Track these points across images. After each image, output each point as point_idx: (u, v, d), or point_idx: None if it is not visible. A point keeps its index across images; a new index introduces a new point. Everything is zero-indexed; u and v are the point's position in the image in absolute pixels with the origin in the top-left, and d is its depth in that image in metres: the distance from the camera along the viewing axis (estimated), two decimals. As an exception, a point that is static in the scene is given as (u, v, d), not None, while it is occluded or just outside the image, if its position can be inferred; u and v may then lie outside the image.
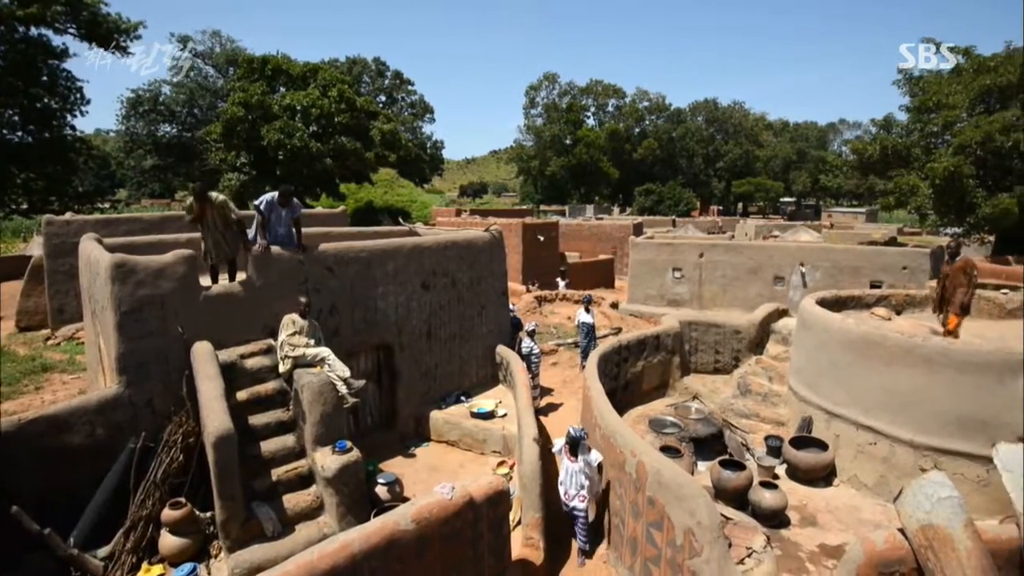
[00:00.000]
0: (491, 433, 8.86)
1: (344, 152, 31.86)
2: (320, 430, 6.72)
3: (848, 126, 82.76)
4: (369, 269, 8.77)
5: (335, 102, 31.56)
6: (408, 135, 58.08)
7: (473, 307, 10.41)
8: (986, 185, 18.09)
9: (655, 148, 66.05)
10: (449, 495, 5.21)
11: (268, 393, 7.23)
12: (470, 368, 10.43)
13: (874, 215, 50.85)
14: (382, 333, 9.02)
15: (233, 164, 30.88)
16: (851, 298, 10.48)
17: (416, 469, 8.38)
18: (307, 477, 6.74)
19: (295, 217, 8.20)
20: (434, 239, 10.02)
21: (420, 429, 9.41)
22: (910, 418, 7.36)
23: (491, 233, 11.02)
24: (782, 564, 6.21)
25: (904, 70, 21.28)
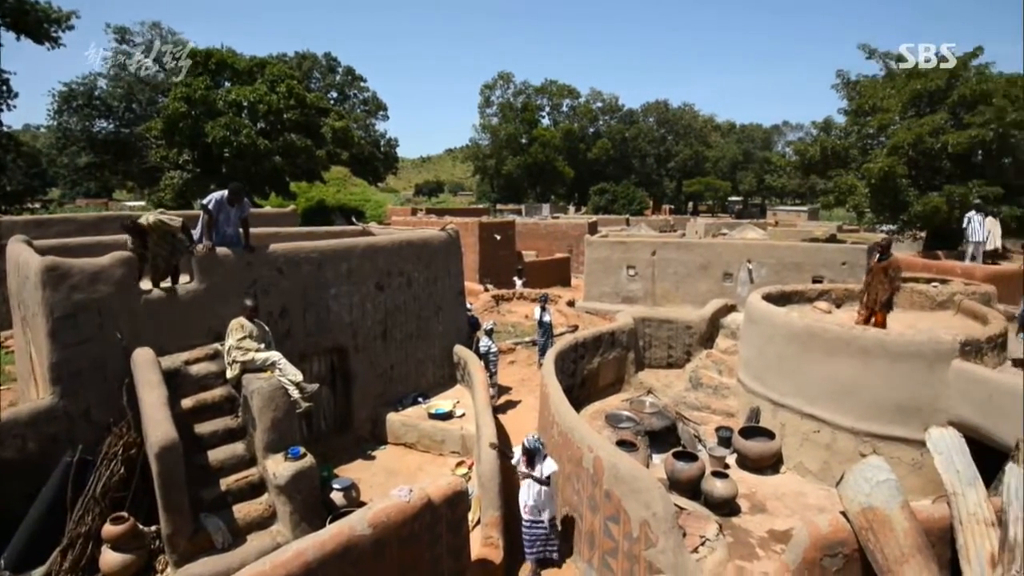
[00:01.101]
0: (449, 434, 8.81)
1: (294, 150, 30.97)
2: (271, 437, 6.52)
3: (791, 128, 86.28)
4: (321, 270, 8.56)
5: (284, 98, 30.62)
6: (361, 133, 57.00)
7: (429, 307, 10.32)
8: (917, 184, 19.18)
9: (609, 148, 67.11)
10: (406, 498, 5.14)
11: (215, 400, 6.97)
12: (427, 369, 10.34)
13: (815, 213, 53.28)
14: (336, 335, 8.83)
15: (175, 162, 29.53)
16: (795, 293, 10.93)
17: (373, 473, 8.25)
18: (258, 485, 6.53)
19: (244, 216, 7.93)
20: (389, 239, 9.88)
21: (377, 432, 9.26)
22: (850, 406, 7.75)
23: (447, 232, 10.94)
24: (733, 550, 6.42)
25: (842, 74, 22.36)
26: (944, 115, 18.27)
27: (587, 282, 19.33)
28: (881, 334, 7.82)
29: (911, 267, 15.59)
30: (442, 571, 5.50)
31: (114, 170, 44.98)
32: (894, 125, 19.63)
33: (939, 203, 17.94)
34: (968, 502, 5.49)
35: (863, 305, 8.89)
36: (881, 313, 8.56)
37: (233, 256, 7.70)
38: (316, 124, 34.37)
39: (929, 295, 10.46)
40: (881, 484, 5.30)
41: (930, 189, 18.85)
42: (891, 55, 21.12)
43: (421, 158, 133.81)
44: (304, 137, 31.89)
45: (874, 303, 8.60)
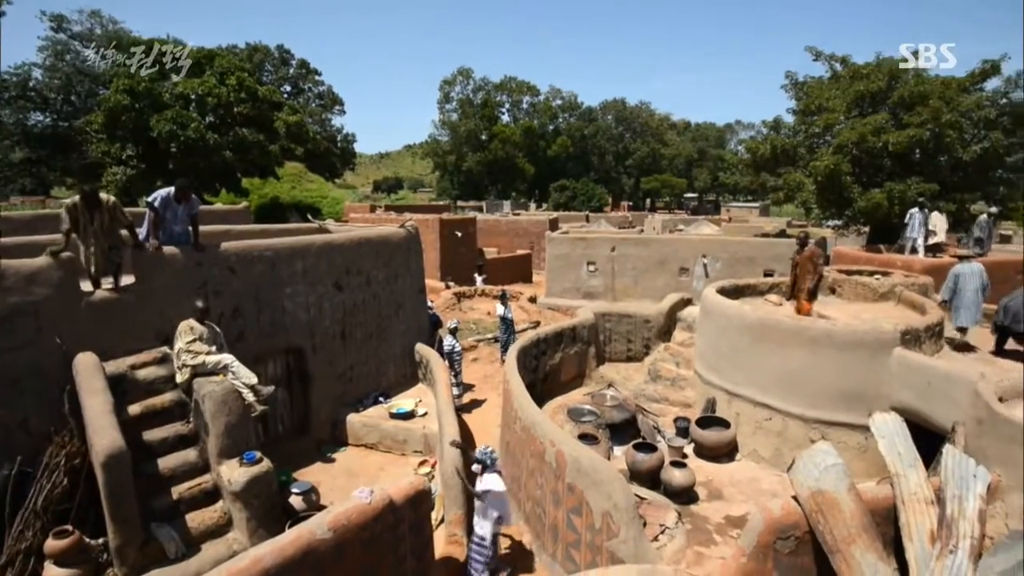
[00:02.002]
0: (412, 433, 8.72)
1: (245, 144, 30.01)
2: (225, 442, 6.31)
3: (743, 127, 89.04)
4: (276, 269, 8.32)
5: (234, 91, 29.63)
6: (316, 127, 55.71)
7: (390, 305, 10.18)
8: (861, 181, 20.13)
9: (568, 145, 67.66)
10: (368, 499, 5.07)
11: (165, 405, 6.69)
12: (388, 368, 10.21)
13: (767, 209, 55.24)
14: (292, 336, 8.60)
15: (118, 157, 28.14)
16: (747, 286, 11.28)
17: (333, 476, 8.09)
18: (213, 492, 6.32)
19: (193, 214, 7.62)
20: (347, 236, 9.68)
21: (337, 434, 9.09)
22: (800, 394, 8.06)
23: (407, 229, 10.82)
24: (692, 537, 6.59)
25: (791, 75, 23.20)
26: (885, 115, 19.22)
27: (548, 278, 19.46)
28: (828, 325, 8.16)
29: (855, 260, 16.34)
30: (406, 571, 5.45)
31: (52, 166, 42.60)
32: (839, 125, 20.52)
33: (880, 199, 18.87)
34: (909, 483, 5.80)
35: (790, 295, 9.28)
36: (807, 302, 8.95)
37: (182, 255, 7.39)
38: (269, 118, 33.39)
39: (872, 287, 10.96)
40: (829, 468, 5.53)
41: (872, 186, 19.80)
42: (836, 57, 22.06)
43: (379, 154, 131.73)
44: (256, 131, 30.93)
45: (801, 291, 8.99)
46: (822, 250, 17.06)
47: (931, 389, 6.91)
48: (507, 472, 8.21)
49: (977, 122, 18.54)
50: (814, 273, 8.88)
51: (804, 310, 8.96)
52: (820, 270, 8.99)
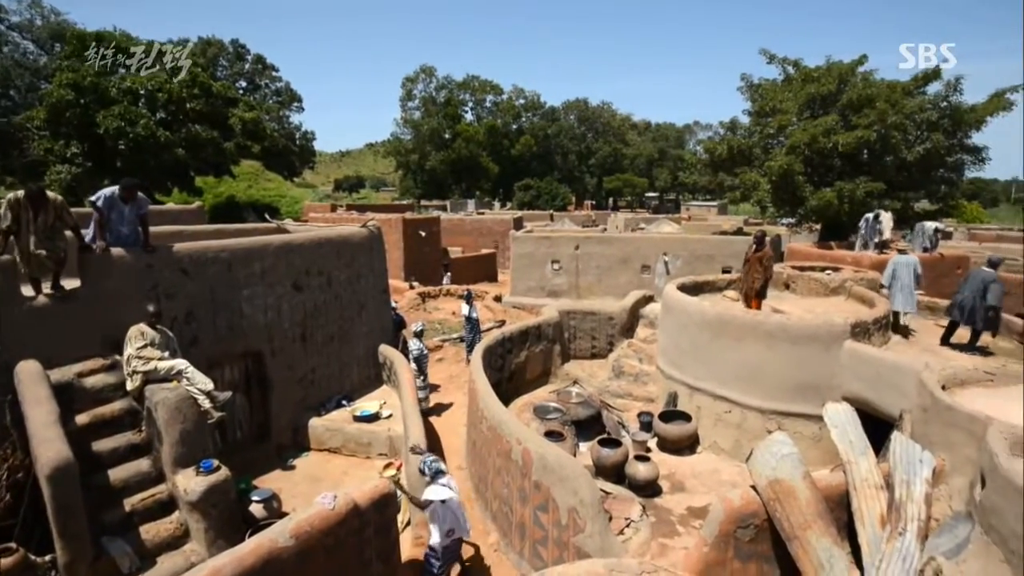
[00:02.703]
0: (376, 436, 8.60)
1: (199, 142, 28.99)
2: (180, 450, 6.08)
3: (701, 127, 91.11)
4: (232, 270, 8.06)
5: (186, 86, 28.58)
6: (274, 125, 54.31)
7: (352, 307, 10.01)
8: (812, 181, 20.90)
9: (532, 145, 67.87)
10: (331, 505, 4.97)
11: (115, 414, 6.40)
12: (351, 370, 10.03)
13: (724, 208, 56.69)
14: (249, 339, 8.36)
15: (62, 155, 26.74)
16: (706, 283, 11.57)
17: (295, 482, 7.91)
18: (168, 503, 6.08)
19: (141, 214, 7.30)
20: (306, 236, 9.46)
21: (298, 439, 8.88)
22: (757, 387, 8.31)
23: (369, 229, 10.65)
24: (656, 529, 6.72)
25: (746, 77, 23.86)
26: (835, 117, 19.98)
27: (513, 277, 19.49)
28: (783, 319, 8.44)
29: (808, 257, 16.94)
30: (372, 575, 5.38)
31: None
32: (792, 126, 21.23)
33: (831, 198, 19.63)
34: (861, 469, 6.04)
35: (741, 292, 9.59)
36: (756, 299, 9.26)
37: (131, 257, 7.08)
38: (223, 115, 32.35)
39: (823, 282, 11.39)
40: (786, 458, 5.72)
41: (823, 185, 20.57)
42: (788, 60, 22.81)
43: (340, 152, 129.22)
44: (210, 128, 29.92)
45: (750, 290, 9.29)
46: (774, 249, 17.66)
47: (879, 379, 7.22)
48: (474, 471, 8.20)
49: (920, 124, 19.48)
50: (763, 273, 9.19)
51: (752, 307, 9.25)
52: (769, 271, 9.31)
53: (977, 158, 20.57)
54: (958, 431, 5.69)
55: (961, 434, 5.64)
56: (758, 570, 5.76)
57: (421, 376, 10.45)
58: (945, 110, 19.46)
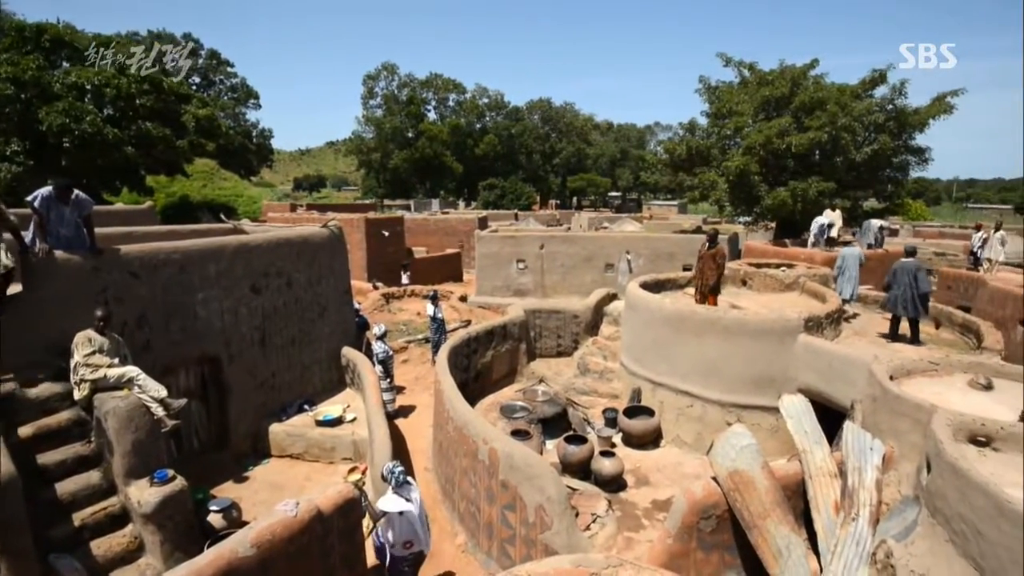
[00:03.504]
0: (340, 440, 8.44)
1: (150, 139, 27.83)
2: (132, 461, 5.84)
3: (661, 128, 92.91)
4: (186, 272, 7.78)
5: (136, 82, 27.40)
6: (229, 122, 52.80)
7: (313, 309, 9.80)
8: (768, 181, 21.57)
9: (496, 144, 67.83)
10: (293, 512, 4.85)
11: (61, 425, 6.10)
12: (313, 374, 9.81)
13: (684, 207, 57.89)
14: (205, 344, 8.08)
15: (1, 153, 25.29)
16: (668, 280, 11.80)
17: (256, 490, 7.69)
18: (121, 516, 5.84)
19: (85, 215, 6.95)
20: (264, 237, 9.20)
21: (259, 445, 8.64)
22: (717, 381, 8.53)
23: (330, 229, 10.45)
24: (622, 523, 6.81)
25: (704, 80, 24.42)
26: (788, 119, 20.66)
27: (479, 277, 19.44)
28: (740, 315, 8.68)
29: (764, 254, 17.47)
30: (336, 583, 5.27)
31: (-85, 162, 37.68)
32: (747, 127, 21.84)
33: (785, 197, 20.30)
34: (816, 458, 6.26)
35: (696, 289, 9.86)
36: (712, 296, 9.53)
37: (76, 260, 6.75)
38: (176, 111, 31.18)
39: (779, 278, 11.77)
40: (744, 449, 5.88)
41: (778, 185, 21.25)
42: (744, 64, 23.45)
43: (299, 150, 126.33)
44: (161, 125, 28.76)
45: (704, 287, 9.55)
46: (732, 247, 18.16)
47: (832, 371, 7.50)
48: (441, 472, 8.15)
49: (868, 126, 20.34)
50: (716, 270, 9.44)
51: (709, 303, 9.50)
52: (722, 268, 9.58)
53: (921, 159, 21.60)
54: (905, 419, 5.96)
55: (908, 422, 5.91)
56: (720, 560, 5.91)
57: (387, 378, 10.32)
58: (891, 113, 20.37)
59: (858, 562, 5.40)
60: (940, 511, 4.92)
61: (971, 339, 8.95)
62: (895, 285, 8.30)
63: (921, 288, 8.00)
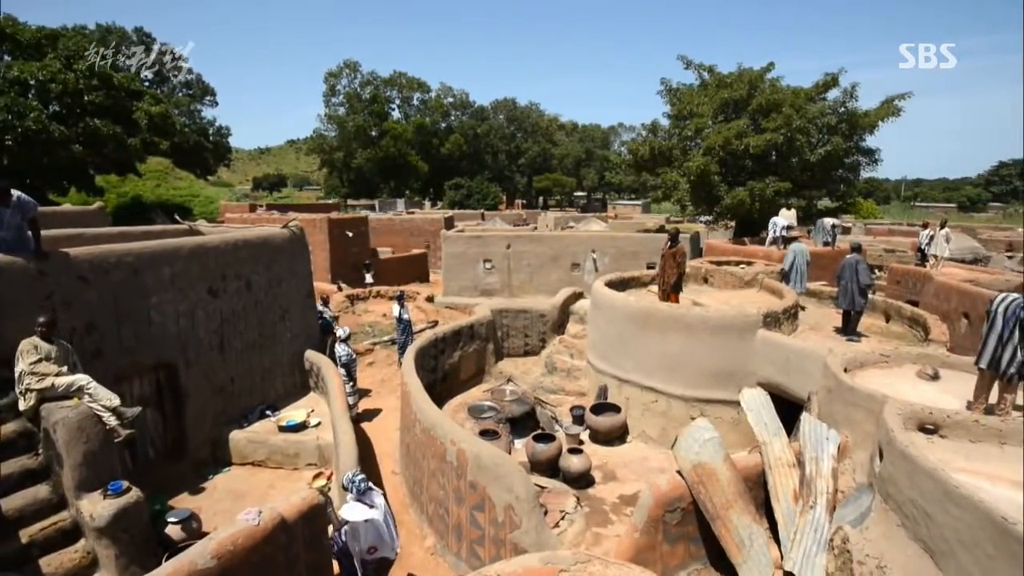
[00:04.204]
0: (304, 446, 8.26)
1: (99, 137, 26.70)
2: (84, 473, 5.59)
3: (625, 129, 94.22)
4: (138, 276, 7.48)
5: (84, 77, 26.24)
6: (184, 120, 51.06)
7: (274, 312, 9.56)
8: (727, 181, 22.14)
9: (462, 143, 67.52)
10: (255, 521, 4.72)
11: (6, 437, 5.79)
12: (275, 379, 9.58)
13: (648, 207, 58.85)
14: (160, 350, 7.79)
15: (-67, 151, 23.88)
16: (632, 279, 11.97)
17: (216, 499, 7.46)
18: (72, 531, 5.58)
19: (29, 217, 6.61)
20: (222, 238, 8.93)
21: (219, 453, 8.38)
22: (681, 376, 8.70)
23: (291, 229, 10.22)
24: (590, 519, 6.88)
25: (665, 82, 24.88)
26: (746, 121, 21.24)
27: (445, 277, 19.34)
28: (702, 311, 8.87)
29: (724, 252, 17.91)
30: (302, 591, 5.16)
31: None
32: (707, 129, 22.36)
33: (744, 196, 20.87)
34: (775, 449, 6.46)
35: (659, 287, 10.07)
36: (674, 294, 9.74)
37: (18, 265, 6.41)
38: (127, 108, 29.99)
39: (738, 275, 12.08)
40: (707, 442, 6.02)
41: (737, 185, 21.83)
42: (704, 67, 23.99)
43: (259, 149, 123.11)
44: (112, 123, 27.63)
45: (666, 285, 9.76)
46: (694, 246, 18.56)
47: (789, 364, 7.74)
48: (409, 475, 8.07)
49: (821, 128, 21.08)
50: (677, 268, 9.64)
51: (670, 301, 9.68)
52: (683, 266, 9.78)
53: (871, 159, 22.53)
54: (859, 409, 6.20)
55: (861, 412, 6.14)
56: (685, 551, 6.03)
57: (350, 382, 10.16)
58: (843, 115, 21.15)
59: (816, 549, 5.60)
60: (892, 497, 5.13)
61: (919, 331, 9.37)
62: (843, 280, 8.61)
63: (861, 280, 8.32)
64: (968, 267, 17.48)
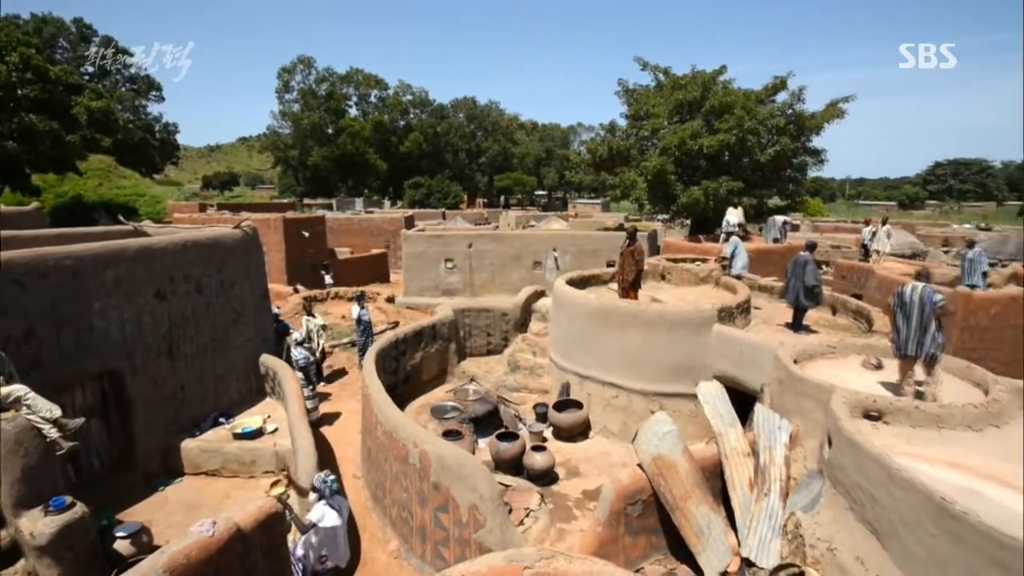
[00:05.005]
0: (261, 453, 8.02)
1: (34, 134, 25.27)
2: (23, 489, 5.28)
3: (584, 128, 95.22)
4: (80, 280, 7.11)
5: (16, 70, 24.76)
6: (128, 115, 48.76)
7: (226, 315, 9.24)
8: (683, 180, 22.66)
9: (421, 142, 66.85)
10: (210, 531, 4.57)
11: (-68, 454, 5.40)
12: (228, 384, 9.26)
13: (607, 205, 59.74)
14: (104, 357, 7.42)
15: None
16: (592, 276, 12.12)
17: (169, 511, 7.16)
18: (11, 550, 5.28)
19: (-45, 218, 6.21)
20: (169, 239, 8.57)
21: (170, 464, 8.04)
22: (640, 372, 8.86)
23: (243, 230, 9.90)
24: (555, 515, 6.94)
25: (623, 82, 25.26)
26: (700, 122, 21.78)
27: (406, 277, 19.12)
28: (660, 307, 9.06)
29: (680, 250, 18.33)
30: (260, 602, 5.02)
31: None
32: (663, 129, 22.82)
33: (699, 195, 21.40)
34: (730, 439, 6.66)
35: (619, 285, 10.26)
36: (633, 291, 9.94)
37: (-56, 268, 6.00)
38: (65, 103, 28.47)
39: (694, 272, 12.40)
40: (666, 435, 6.15)
41: (692, 184, 22.36)
42: (659, 68, 24.47)
43: (209, 147, 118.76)
44: (48, 118, 26.16)
45: (625, 282, 9.95)
46: (651, 244, 18.94)
47: (743, 357, 7.99)
48: (371, 479, 7.95)
49: (771, 129, 21.80)
50: (635, 265, 9.82)
51: (631, 297, 9.86)
52: (641, 264, 9.97)
53: (817, 159, 23.44)
54: (808, 399, 6.45)
55: (811, 402, 6.40)
56: (647, 542, 6.16)
57: (308, 385, 9.92)
58: (791, 117, 21.94)
59: (771, 534, 5.80)
60: (841, 482, 5.37)
61: (863, 323, 9.82)
62: (791, 276, 8.94)
63: (807, 280, 8.66)
64: (907, 262, 18.45)
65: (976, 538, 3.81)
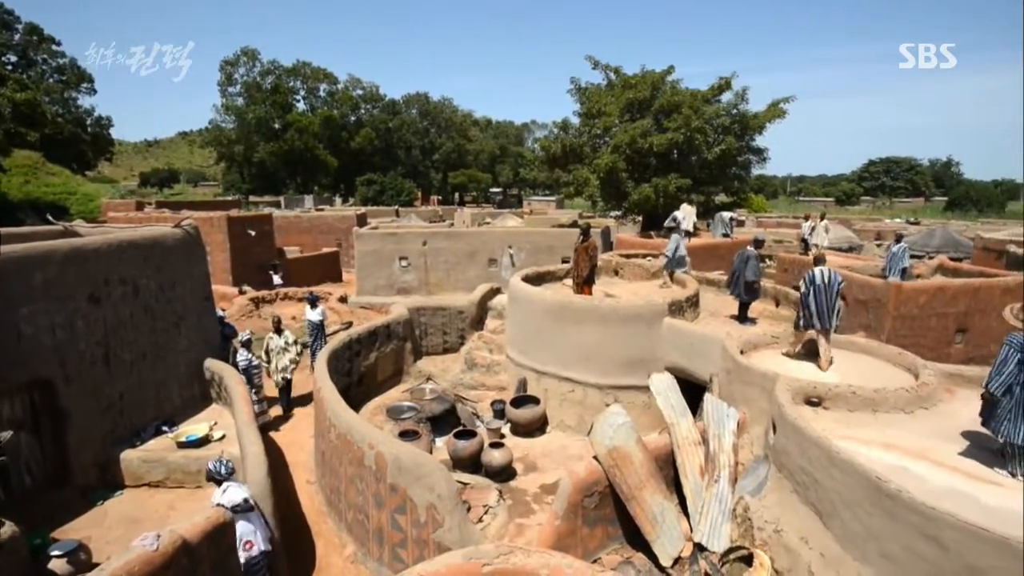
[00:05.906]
0: (206, 462, 7.67)
1: (-52, 128, 23.39)
2: (-62, 510, 4.89)
3: (538, 126, 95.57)
4: (3, 284, 6.62)
5: (-77, 58, 22.81)
6: (56, 108, 45.88)
7: (167, 319, 8.82)
8: (634, 177, 23.11)
9: (373, 138, 65.59)
10: (153, 546, 4.36)
11: None
12: (171, 391, 8.84)
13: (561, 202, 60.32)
14: (34, 365, 6.96)
15: None
16: (548, 273, 12.22)
17: (109, 527, 6.78)
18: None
19: None
20: (104, 239, 8.10)
21: (109, 476, 7.61)
22: (595, 365, 9.00)
23: (184, 229, 9.48)
24: (513, 511, 6.96)
25: (575, 81, 25.49)
26: (649, 121, 22.25)
27: (359, 276, 18.76)
28: (614, 302, 9.22)
29: (632, 246, 18.72)
30: (209, 615, 4.83)
31: None
32: (615, 127, 23.20)
33: (649, 192, 21.90)
34: (682, 429, 6.85)
35: (573, 281, 10.41)
36: (587, 286, 10.10)
37: None
38: (-17, 95, 26.48)
39: (645, 267, 12.68)
40: (621, 427, 6.28)
41: (642, 181, 22.85)
42: (610, 67, 24.84)
43: (146, 142, 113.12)
44: (-37, 112, 24.27)
45: (579, 278, 10.11)
46: (605, 240, 19.26)
47: (693, 349, 8.23)
48: (325, 483, 7.77)
49: (717, 128, 22.51)
50: (589, 261, 9.97)
51: (585, 292, 10.00)
52: (594, 260, 10.13)
53: (760, 158, 24.37)
54: (754, 388, 6.71)
55: (756, 390, 6.66)
56: (604, 532, 6.27)
57: (252, 389, 9.55)
58: (735, 116, 22.71)
59: (722, 519, 6.01)
60: (785, 466, 5.61)
61: (803, 314, 10.26)
62: (736, 271, 9.28)
63: (747, 276, 9.04)
64: (844, 255, 19.45)
65: (908, 514, 4.06)
